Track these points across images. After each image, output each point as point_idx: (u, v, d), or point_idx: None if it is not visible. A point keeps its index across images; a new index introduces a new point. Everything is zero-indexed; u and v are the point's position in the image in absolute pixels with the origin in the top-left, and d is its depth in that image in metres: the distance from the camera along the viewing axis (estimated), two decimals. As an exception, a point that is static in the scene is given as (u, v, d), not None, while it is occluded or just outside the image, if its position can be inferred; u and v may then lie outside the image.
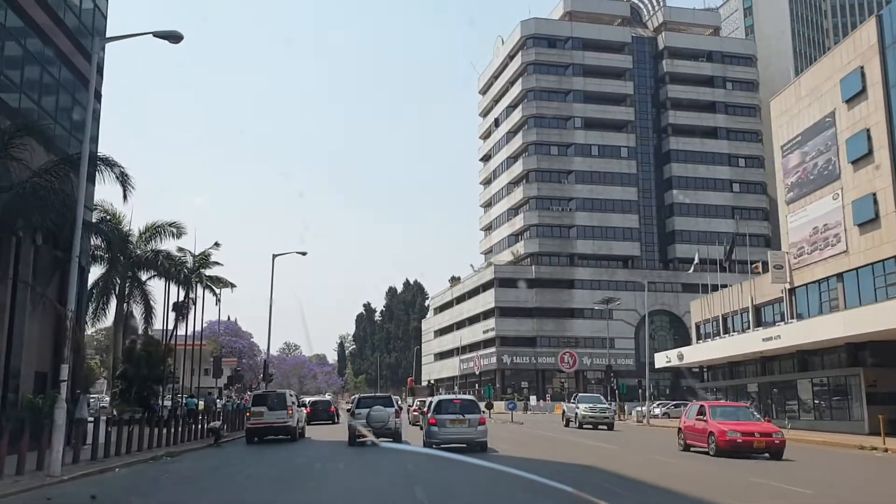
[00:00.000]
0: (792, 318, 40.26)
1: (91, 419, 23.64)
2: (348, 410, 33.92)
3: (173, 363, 38.93)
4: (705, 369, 52.94)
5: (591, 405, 41.57)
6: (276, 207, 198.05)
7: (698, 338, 54.22)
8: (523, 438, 32.34)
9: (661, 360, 54.23)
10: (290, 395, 30.28)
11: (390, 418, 25.73)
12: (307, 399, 47.87)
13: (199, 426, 32.71)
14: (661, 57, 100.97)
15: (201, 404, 40.50)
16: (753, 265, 53.84)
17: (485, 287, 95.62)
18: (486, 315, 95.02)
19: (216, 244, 44.88)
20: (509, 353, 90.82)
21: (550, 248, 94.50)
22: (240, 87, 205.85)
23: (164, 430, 27.15)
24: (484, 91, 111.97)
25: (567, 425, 42.88)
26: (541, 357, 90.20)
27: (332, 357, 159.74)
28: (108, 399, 46.12)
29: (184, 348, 49.62)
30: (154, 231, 43.49)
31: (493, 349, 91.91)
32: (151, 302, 43.96)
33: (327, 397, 54.07)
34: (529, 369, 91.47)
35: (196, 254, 43.96)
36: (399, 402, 52.92)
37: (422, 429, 27.04)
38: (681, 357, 50.83)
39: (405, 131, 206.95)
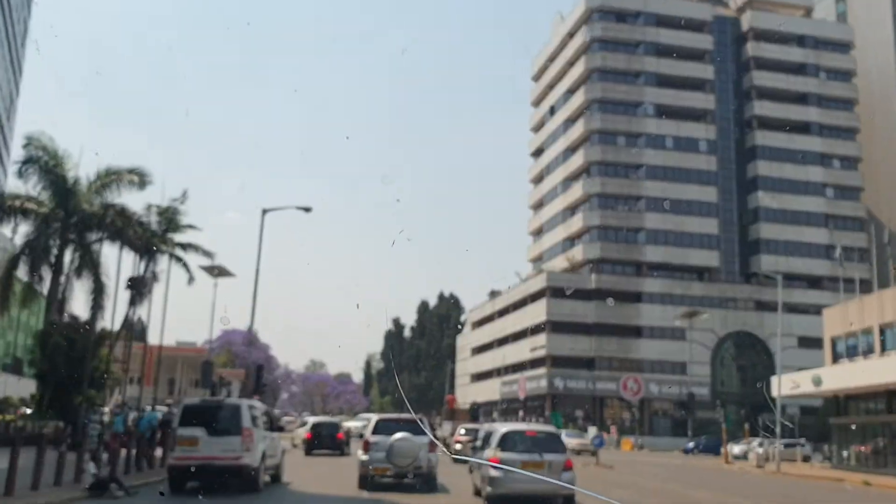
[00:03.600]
0: None
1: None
2: (360, 436, 21.82)
3: (108, 356, 25.76)
4: (842, 400, 39.25)
5: None
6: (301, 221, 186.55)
7: (835, 357, 40.41)
8: None
9: (786, 385, 40.43)
10: (252, 411, 17.59)
11: (421, 452, 18.03)
12: (309, 419, 35.16)
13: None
14: (744, 39, 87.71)
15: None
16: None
17: (534, 298, 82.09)
18: (534, 331, 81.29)
19: (184, 193, 32.32)
20: (562, 375, 77.02)
21: (614, 255, 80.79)
22: (248, 90, 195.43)
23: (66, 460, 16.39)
24: (537, 77, 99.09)
25: None
26: (599, 382, 76.44)
27: (359, 376, 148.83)
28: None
29: (138, 352, 36.93)
30: (108, 179, 30.92)
31: (542, 370, 78.21)
32: (104, 278, 31.34)
33: (336, 419, 40.76)
34: (585, 395, 77.48)
35: (161, 208, 31.17)
36: (436, 429, 39.81)
37: (471, 471, 19.31)
38: (818, 382, 37.08)
39: (435, 136, 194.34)
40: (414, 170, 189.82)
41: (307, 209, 29.78)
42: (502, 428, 17.30)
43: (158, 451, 22.48)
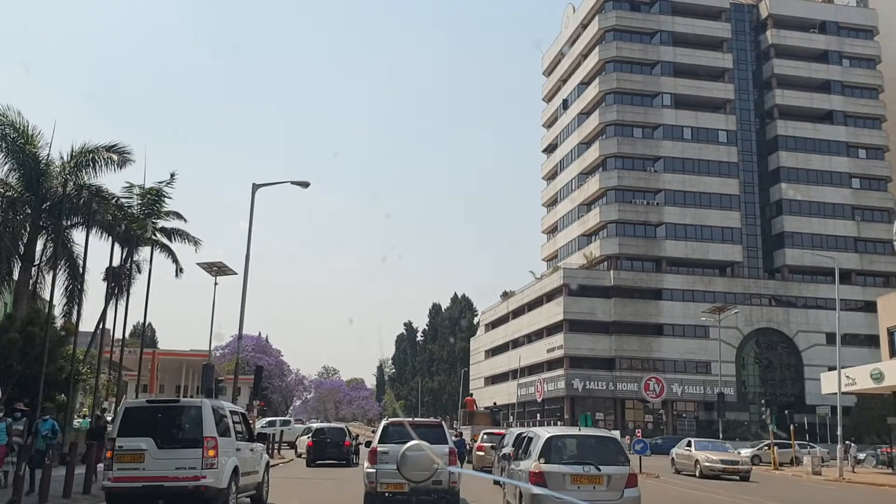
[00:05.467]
0: None
1: None
2: (367, 444, 18.72)
3: (72, 354, 22.97)
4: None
5: None
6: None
7: (893, 349, 37.24)
8: None
9: (832, 382, 37.20)
10: (220, 415, 13.56)
11: (441, 464, 14.67)
12: (313, 425, 31.95)
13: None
14: (764, 27, 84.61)
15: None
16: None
17: (549, 297, 79.11)
18: (550, 330, 78.45)
19: (172, 176, 29.56)
20: (581, 376, 73.89)
21: (632, 250, 77.70)
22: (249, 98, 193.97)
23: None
24: (549, 71, 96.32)
25: None
26: (620, 382, 73.29)
27: (372, 382, 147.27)
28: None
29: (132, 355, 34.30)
30: (84, 158, 28.41)
31: (559, 371, 75.13)
32: (80, 268, 28.79)
33: (342, 425, 36.77)
34: (606, 397, 74.37)
35: (144, 190, 28.48)
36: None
37: (499, 483, 17.37)
38: (878, 377, 33.85)
39: (439, 137, 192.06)
40: (417, 172, 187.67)
41: (303, 184, 27.09)
42: (545, 432, 13.79)
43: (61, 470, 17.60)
